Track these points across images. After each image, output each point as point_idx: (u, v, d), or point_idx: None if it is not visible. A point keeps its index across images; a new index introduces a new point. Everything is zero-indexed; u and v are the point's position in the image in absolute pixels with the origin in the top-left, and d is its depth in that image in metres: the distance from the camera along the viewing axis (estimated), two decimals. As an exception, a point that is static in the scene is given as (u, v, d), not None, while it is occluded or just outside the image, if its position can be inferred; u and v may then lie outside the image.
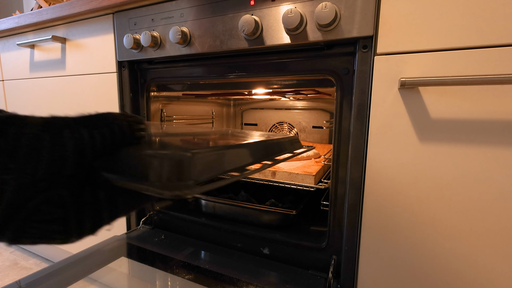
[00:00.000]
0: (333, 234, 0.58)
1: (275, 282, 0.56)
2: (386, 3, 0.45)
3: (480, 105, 0.42)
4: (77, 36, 0.81)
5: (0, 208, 0.16)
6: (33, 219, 0.17)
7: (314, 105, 1.12)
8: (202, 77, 0.70)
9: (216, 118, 1.23)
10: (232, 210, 0.75)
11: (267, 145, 0.35)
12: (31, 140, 0.16)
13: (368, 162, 0.50)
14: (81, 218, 0.18)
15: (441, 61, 0.43)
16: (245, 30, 0.54)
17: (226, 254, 0.67)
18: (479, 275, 0.45)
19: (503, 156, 0.41)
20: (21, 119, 0.17)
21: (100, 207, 0.19)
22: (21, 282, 0.54)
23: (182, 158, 0.18)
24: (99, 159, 0.19)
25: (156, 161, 0.18)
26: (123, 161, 0.19)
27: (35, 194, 0.16)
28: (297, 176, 0.66)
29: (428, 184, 0.46)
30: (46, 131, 0.17)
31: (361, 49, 0.49)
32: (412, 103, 0.45)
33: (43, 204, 0.17)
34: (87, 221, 0.19)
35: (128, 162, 0.19)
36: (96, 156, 0.18)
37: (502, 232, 0.43)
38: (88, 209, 0.19)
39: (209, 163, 0.20)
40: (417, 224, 0.48)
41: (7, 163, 0.16)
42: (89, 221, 0.19)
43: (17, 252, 1.21)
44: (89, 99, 0.83)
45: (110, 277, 0.94)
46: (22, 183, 0.16)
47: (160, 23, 0.65)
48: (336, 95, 0.55)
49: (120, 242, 0.72)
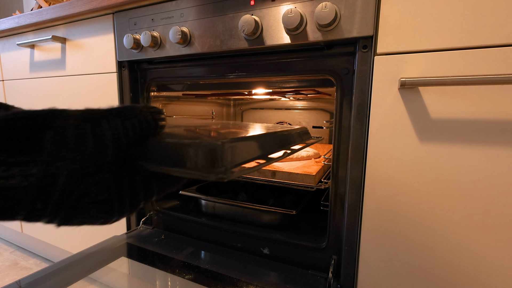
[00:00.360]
0: (333, 234, 0.58)
1: (275, 282, 0.56)
2: (386, 3, 0.45)
3: (480, 105, 0.42)
4: (77, 36, 0.81)
5: (57, 191, 0.17)
6: (83, 200, 0.19)
7: (314, 105, 1.12)
8: (202, 77, 0.70)
9: (216, 118, 1.23)
10: (232, 210, 0.75)
11: (283, 136, 0.38)
12: (76, 130, 0.18)
13: (368, 162, 0.50)
14: (121, 199, 0.21)
15: (441, 61, 0.43)
16: (245, 30, 0.54)
17: (226, 254, 0.67)
18: (479, 274, 0.45)
19: (503, 156, 0.41)
20: (63, 112, 0.19)
21: (137, 189, 0.21)
22: (21, 282, 0.54)
23: (214, 146, 0.20)
24: (131, 147, 0.21)
25: (192, 149, 0.20)
26: (154, 149, 0.21)
27: (84, 178, 0.18)
28: (297, 176, 0.66)
29: (428, 184, 0.46)
30: (87, 122, 0.19)
31: (361, 49, 0.49)
32: (412, 103, 0.45)
33: (92, 187, 0.19)
34: (127, 201, 0.21)
35: (161, 150, 0.21)
36: (128, 143, 0.20)
37: (502, 232, 0.43)
38: (127, 191, 0.21)
39: (237, 151, 0.23)
40: (417, 224, 0.48)
41: (59, 151, 0.17)
42: (128, 201, 0.21)
43: (17, 252, 1.21)
44: (89, 99, 0.83)
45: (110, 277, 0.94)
46: (73, 169, 0.18)
47: (160, 23, 0.65)
48: (336, 95, 0.55)
49: (120, 242, 0.72)
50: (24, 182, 0.17)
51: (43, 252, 1.17)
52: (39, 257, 1.18)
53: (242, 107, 1.31)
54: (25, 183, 0.17)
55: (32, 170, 0.17)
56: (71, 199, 0.18)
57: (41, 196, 0.17)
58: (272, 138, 0.34)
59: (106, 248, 0.68)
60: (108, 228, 0.88)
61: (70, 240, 0.99)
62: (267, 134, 0.34)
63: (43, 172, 0.17)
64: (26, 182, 0.17)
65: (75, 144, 0.18)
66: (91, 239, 0.92)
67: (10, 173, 0.16)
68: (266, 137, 0.33)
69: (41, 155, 0.17)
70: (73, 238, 0.98)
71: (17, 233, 1.23)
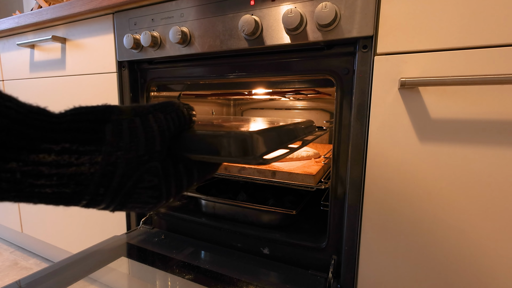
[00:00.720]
0: (333, 234, 0.58)
1: (275, 282, 0.56)
2: (386, 3, 0.45)
3: (480, 105, 0.42)
4: (77, 36, 0.81)
5: (117, 177, 0.20)
6: (138, 186, 0.21)
7: (314, 105, 1.12)
8: (202, 77, 0.70)
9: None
10: (232, 210, 0.75)
11: (297, 128, 0.42)
12: (130, 123, 0.21)
13: (368, 162, 0.50)
14: (168, 185, 0.23)
15: (441, 61, 0.43)
16: (245, 30, 0.54)
17: (226, 254, 0.67)
18: (480, 274, 0.45)
19: (503, 156, 0.41)
20: (116, 108, 0.21)
21: (181, 176, 0.24)
22: (21, 282, 0.54)
23: (245, 137, 0.24)
24: (171, 139, 0.23)
25: (226, 139, 0.24)
26: (194, 140, 0.24)
27: (139, 165, 0.21)
28: (297, 176, 0.66)
29: (428, 184, 0.46)
30: (137, 116, 0.22)
31: (361, 49, 0.49)
32: (412, 103, 0.45)
33: (145, 174, 0.21)
34: (173, 187, 0.23)
35: (199, 141, 0.24)
36: (170, 135, 0.23)
37: (502, 232, 0.43)
38: (172, 178, 0.23)
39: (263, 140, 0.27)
40: (417, 223, 0.48)
41: (117, 142, 0.20)
42: (173, 187, 0.23)
43: (17, 252, 1.21)
44: (89, 99, 0.83)
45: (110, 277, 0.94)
46: (130, 157, 0.20)
47: (160, 23, 0.65)
48: (336, 95, 0.55)
49: (120, 242, 0.72)
50: (91, 169, 0.19)
51: (43, 252, 1.17)
52: (39, 257, 1.18)
53: (242, 107, 1.31)
54: (92, 170, 0.19)
55: (97, 158, 0.19)
56: (128, 184, 0.20)
57: (104, 182, 0.19)
58: (289, 129, 0.38)
59: (106, 248, 0.68)
60: (108, 228, 0.88)
61: (70, 240, 0.99)
62: (285, 126, 0.38)
63: (106, 160, 0.19)
64: (93, 169, 0.19)
65: (129, 136, 0.20)
66: (91, 239, 0.92)
67: (81, 161, 0.18)
68: (285, 129, 0.37)
69: (103, 145, 0.19)
70: (73, 238, 0.98)
71: (17, 233, 1.23)
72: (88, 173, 0.19)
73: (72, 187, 0.18)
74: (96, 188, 0.19)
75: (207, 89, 0.80)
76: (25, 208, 1.09)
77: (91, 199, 0.20)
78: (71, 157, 0.18)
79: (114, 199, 0.20)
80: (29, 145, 0.17)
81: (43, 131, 0.17)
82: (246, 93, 0.99)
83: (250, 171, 0.72)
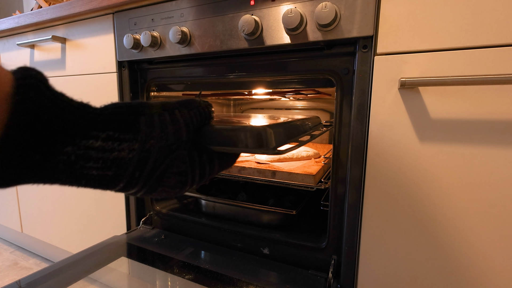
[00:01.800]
0: (333, 234, 0.58)
1: (275, 282, 0.56)
2: (386, 3, 0.45)
3: (480, 105, 0.42)
4: (77, 36, 0.81)
5: (151, 162, 0.23)
6: (168, 171, 0.24)
7: (314, 105, 1.12)
8: (202, 77, 0.70)
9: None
10: (232, 210, 0.75)
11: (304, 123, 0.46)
12: (160, 117, 0.24)
13: (368, 162, 0.50)
14: (193, 172, 0.26)
15: (441, 61, 0.43)
16: (245, 30, 0.54)
17: (226, 254, 0.67)
18: (481, 274, 0.45)
19: (503, 156, 0.41)
20: (147, 103, 0.25)
21: (204, 165, 0.27)
22: (21, 282, 0.54)
23: (260, 131, 0.28)
24: (194, 131, 0.26)
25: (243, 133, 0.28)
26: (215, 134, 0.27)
27: (169, 153, 0.24)
28: (297, 176, 0.66)
29: (428, 184, 0.46)
30: (165, 111, 0.25)
31: (361, 49, 0.49)
32: (412, 103, 0.45)
33: (175, 160, 0.24)
34: (197, 174, 0.26)
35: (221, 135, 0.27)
36: (194, 128, 0.26)
37: (502, 232, 0.43)
38: (197, 165, 0.26)
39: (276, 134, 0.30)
40: (417, 224, 0.48)
41: (150, 132, 0.23)
42: (198, 174, 0.26)
43: (17, 252, 1.21)
44: (89, 99, 0.82)
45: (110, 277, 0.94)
46: (161, 146, 0.23)
47: (160, 23, 0.65)
48: (336, 95, 0.55)
49: (120, 242, 0.72)
50: (130, 154, 0.22)
51: (43, 252, 1.17)
52: (39, 257, 1.18)
53: (242, 107, 1.31)
54: (130, 155, 0.22)
55: (135, 145, 0.22)
56: (160, 169, 0.23)
57: (140, 166, 0.22)
58: (297, 125, 0.42)
59: (106, 248, 0.68)
60: (108, 228, 0.88)
61: (70, 240, 0.99)
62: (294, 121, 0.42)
63: (141, 147, 0.22)
64: (131, 154, 0.22)
65: (160, 127, 0.23)
66: (91, 239, 0.92)
67: (121, 147, 0.21)
68: (294, 124, 0.41)
69: (139, 134, 0.22)
70: (73, 238, 0.98)
71: (17, 233, 1.23)
72: (127, 158, 0.22)
73: (113, 169, 0.21)
74: (133, 172, 0.22)
75: (207, 89, 0.80)
76: (25, 208, 1.09)
77: (128, 181, 0.22)
78: (114, 143, 0.21)
79: (146, 182, 0.23)
80: (81, 132, 0.20)
81: (91, 121, 0.21)
82: (246, 93, 0.99)
83: (250, 171, 0.72)
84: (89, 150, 0.20)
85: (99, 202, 0.88)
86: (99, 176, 0.21)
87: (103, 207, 0.87)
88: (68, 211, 0.96)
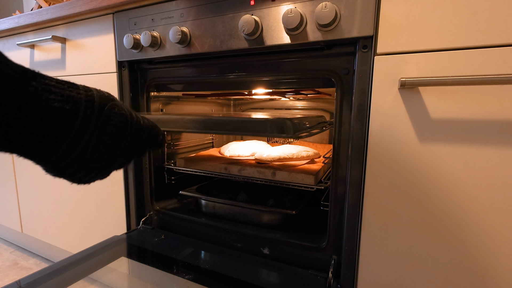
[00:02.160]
0: (333, 234, 0.58)
1: (275, 282, 0.56)
2: (386, 3, 0.45)
3: (480, 105, 0.42)
4: (77, 36, 0.81)
5: (97, 103, 0.27)
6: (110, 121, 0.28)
7: (314, 105, 1.12)
8: (202, 77, 0.70)
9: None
10: (232, 210, 0.75)
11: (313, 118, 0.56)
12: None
13: (368, 162, 0.50)
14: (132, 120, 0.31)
15: (441, 61, 0.43)
16: (245, 30, 0.54)
17: (226, 254, 0.67)
18: (480, 274, 0.45)
19: (503, 156, 0.41)
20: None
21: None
22: (21, 282, 0.54)
23: (283, 121, 0.42)
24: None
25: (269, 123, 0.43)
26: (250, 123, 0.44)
27: (108, 100, 0.29)
28: (297, 176, 0.66)
29: (428, 184, 0.46)
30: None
31: (361, 49, 0.49)
32: (412, 103, 0.45)
33: (114, 106, 0.29)
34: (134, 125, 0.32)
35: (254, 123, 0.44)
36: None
37: (503, 232, 0.43)
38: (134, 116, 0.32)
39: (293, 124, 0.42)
40: (417, 223, 0.48)
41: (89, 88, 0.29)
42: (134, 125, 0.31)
43: (17, 252, 1.21)
44: (89, 99, 0.82)
45: (110, 277, 0.94)
46: (101, 95, 0.29)
47: (160, 23, 0.65)
48: (336, 95, 0.55)
49: (120, 242, 0.72)
50: (79, 95, 0.26)
51: (43, 252, 1.17)
52: (39, 257, 1.18)
53: (242, 107, 1.31)
54: (79, 95, 0.26)
55: (80, 90, 0.27)
56: (103, 114, 0.28)
57: (89, 105, 0.26)
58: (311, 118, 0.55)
59: (106, 248, 0.68)
60: (108, 228, 0.88)
61: (70, 240, 0.99)
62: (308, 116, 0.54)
63: (85, 92, 0.27)
64: (80, 95, 0.26)
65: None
66: (91, 239, 0.92)
67: (70, 89, 0.25)
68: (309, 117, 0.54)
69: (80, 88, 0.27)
70: (73, 238, 0.98)
71: (17, 233, 1.23)
72: (77, 96, 0.25)
73: (70, 104, 0.24)
74: (85, 110, 0.25)
75: (207, 89, 0.80)
76: (25, 208, 1.09)
77: (83, 118, 0.25)
78: (64, 85, 0.25)
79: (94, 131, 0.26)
80: (39, 76, 0.23)
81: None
82: (246, 93, 0.99)
83: (250, 171, 0.72)
84: (49, 86, 0.23)
85: (99, 202, 0.88)
86: (61, 109, 0.23)
87: (103, 207, 0.87)
88: (68, 211, 0.96)
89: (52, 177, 0.26)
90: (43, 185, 1.00)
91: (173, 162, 0.86)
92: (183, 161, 0.83)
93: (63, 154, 0.24)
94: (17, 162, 1.06)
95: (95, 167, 0.27)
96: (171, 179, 0.89)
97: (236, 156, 0.86)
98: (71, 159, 0.25)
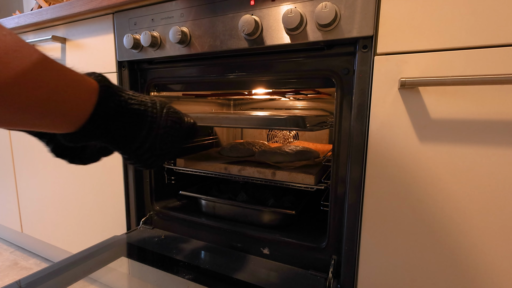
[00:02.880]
0: (333, 234, 0.58)
1: (275, 282, 0.56)
2: (386, 3, 0.45)
3: (480, 105, 0.42)
4: (77, 36, 0.81)
5: (159, 101, 0.36)
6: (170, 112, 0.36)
7: (314, 105, 1.12)
8: (202, 77, 0.70)
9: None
10: (232, 210, 0.75)
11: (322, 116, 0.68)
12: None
13: (368, 162, 0.50)
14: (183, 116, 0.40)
15: (441, 61, 0.43)
16: (245, 30, 0.54)
17: (226, 254, 0.67)
18: (481, 274, 0.45)
19: (503, 156, 0.41)
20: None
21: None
22: (21, 282, 0.54)
23: (298, 118, 0.56)
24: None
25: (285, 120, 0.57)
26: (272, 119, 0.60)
27: (165, 103, 0.37)
28: (297, 176, 0.66)
29: (428, 184, 0.46)
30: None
31: (361, 49, 0.49)
32: (412, 103, 0.45)
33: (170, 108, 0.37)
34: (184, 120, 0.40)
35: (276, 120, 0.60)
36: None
37: (503, 232, 0.43)
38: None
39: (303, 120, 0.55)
40: (418, 223, 0.48)
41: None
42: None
43: (17, 252, 1.21)
44: (89, 99, 0.82)
45: (110, 277, 0.94)
46: (160, 100, 0.37)
47: (160, 23, 0.65)
48: (336, 95, 0.55)
49: (120, 242, 0.72)
50: (147, 100, 0.34)
51: (43, 252, 1.17)
52: (39, 257, 1.18)
53: (242, 107, 1.31)
54: (147, 101, 0.34)
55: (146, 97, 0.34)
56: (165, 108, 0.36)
57: (153, 105, 0.34)
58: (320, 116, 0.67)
59: (106, 248, 0.68)
60: (108, 228, 0.88)
61: (70, 240, 0.99)
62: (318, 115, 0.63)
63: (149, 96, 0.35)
64: (147, 100, 0.34)
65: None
66: (91, 239, 0.92)
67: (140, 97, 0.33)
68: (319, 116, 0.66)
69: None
70: (73, 238, 0.98)
71: (17, 233, 1.23)
72: (146, 101, 0.33)
73: (143, 106, 0.33)
74: (152, 109, 0.34)
75: (207, 89, 0.80)
76: (25, 208, 1.09)
77: (151, 116, 0.33)
78: (136, 95, 0.33)
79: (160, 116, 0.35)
80: (121, 90, 0.32)
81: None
82: (246, 93, 0.99)
83: (250, 171, 0.72)
84: (129, 95, 0.31)
85: (99, 202, 0.88)
86: (138, 110, 0.31)
87: (103, 207, 0.87)
88: (68, 211, 0.96)
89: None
90: (43, 185, 1.00)
91: (173, 162, 0.86)
92: (183, 161, 0.83)
93: (141, 143, 0.32)
94: (17, 162, 1.06)
95: (161, 154, 0.34)
96: (171, 179, 0.89)
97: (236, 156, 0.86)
98: (145, 148, 0.33)
